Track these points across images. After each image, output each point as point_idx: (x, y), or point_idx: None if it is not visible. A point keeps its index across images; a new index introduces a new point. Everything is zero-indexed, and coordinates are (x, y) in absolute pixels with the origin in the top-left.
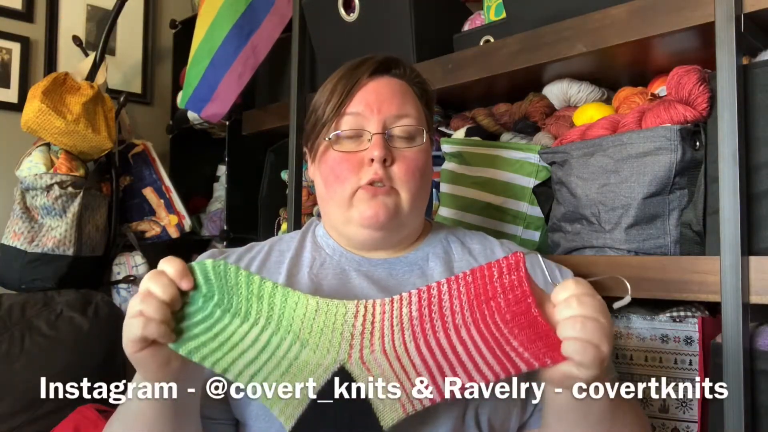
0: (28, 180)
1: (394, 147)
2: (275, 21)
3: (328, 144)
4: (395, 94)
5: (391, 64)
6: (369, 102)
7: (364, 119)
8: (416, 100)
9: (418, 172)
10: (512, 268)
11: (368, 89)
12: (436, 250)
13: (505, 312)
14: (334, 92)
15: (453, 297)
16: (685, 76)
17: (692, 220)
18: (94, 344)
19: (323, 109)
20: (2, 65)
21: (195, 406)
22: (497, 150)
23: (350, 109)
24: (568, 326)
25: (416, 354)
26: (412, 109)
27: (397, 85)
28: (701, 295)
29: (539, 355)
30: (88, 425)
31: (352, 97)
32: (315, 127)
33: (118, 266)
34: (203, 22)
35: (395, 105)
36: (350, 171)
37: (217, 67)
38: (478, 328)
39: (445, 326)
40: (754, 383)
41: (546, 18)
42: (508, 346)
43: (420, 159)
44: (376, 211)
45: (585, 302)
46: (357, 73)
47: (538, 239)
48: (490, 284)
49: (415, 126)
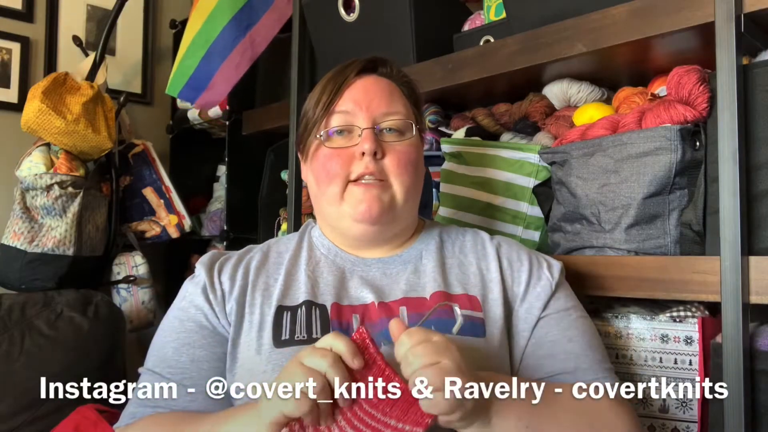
0: (28, 180)
1: (384, 141)
2: (274, 18)
3: (319, 142)
4: (383, 91)
5: (377, 64)
6: (358, 99)
7: (354, 116)
8: (404, 98)
9: (410, 164)
10: (360, 348)
11: (356, 87)
12: (429, 247)
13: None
14: (323, 93)
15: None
16: (685, 76)
17: (692, 220)
18: (94, 344)
19: (313, 110)
20: (2, 65)
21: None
22: (497, 150)
23: (339, 107)
24: (415, 383)
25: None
26: (401, 106)
27: (385, 83)
28: (701, 295)
29: (417, 420)
30: (88, 425)
31: (340, 96)
32: (306, 128)
33: (118, 266)
34: (199, 16)
35: (384, 102)
36: (341, 166)
37: (213, 58)
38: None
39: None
40: (754, 383)
41: (546, 18)
42: (388, 429)
43: (411, 152)
44: (369, 205)
45: (417, 353)
46: (345, 73)
47: (538, 239)
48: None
49: (404, 120)
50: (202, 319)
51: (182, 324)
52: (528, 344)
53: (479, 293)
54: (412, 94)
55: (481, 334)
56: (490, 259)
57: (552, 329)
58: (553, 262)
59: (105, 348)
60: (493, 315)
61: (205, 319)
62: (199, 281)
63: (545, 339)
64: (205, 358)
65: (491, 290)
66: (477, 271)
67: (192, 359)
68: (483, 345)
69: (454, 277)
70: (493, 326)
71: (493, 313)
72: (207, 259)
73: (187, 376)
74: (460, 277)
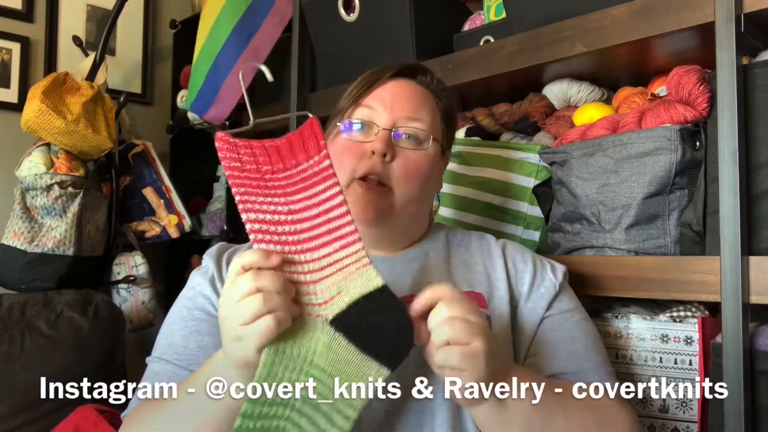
0: (28, 180)
1: (398, 146)
2: (275, 21)
3: (338, 131)
4: (413, 97)
5: (417, 71)
6: (384, 99)
7: (376, 113)
8: (435, 110)
9: (418, 174)
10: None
11: (387, 87)
12: (435, 246)
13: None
14: (356, 85)
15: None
16: (685, 76)
17: (692, 220)
18: (94, 344)
19: (344, 99)
20: (2, 65)
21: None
22: (497, 150)
23: (365, 102)
24: (436, 332)
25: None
26: (427, 116)
27: (418, 90)
28: (701, 295)
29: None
30: (88, 425)
31: (370, 92)
32: (333, 114)
33: (118, 266)
34: (205, 25)
35: (409, 108)
36: (352, 159)
37: (219, 70)
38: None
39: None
40: (754, 383)
41: (546, 18)
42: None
43: (422, 162)
44: (364, 207)
45: (453, 305)
46: (382, 72)
47: (538, 239)
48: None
49: (423, 130)
50: (210, 308)
51: (190, 312)
52: (531, 344)
53: (485, 291)
54: (447, 110)
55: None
56: (496, 258)
57: (556, 330)
58: (557, 265)
59: (105, 348)
60: (498, 312)
61: (212, 307)
62: (206, 271)
63: (549, 339)
64: (213, 345)
65: (497, 288)
66: (483, 270)
67: (200, 346)
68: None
69: (459, 275)
70: (499, 323)
71: (499, 311)
72: (215, 250)
73: (194, 362)
74: (465, 275)
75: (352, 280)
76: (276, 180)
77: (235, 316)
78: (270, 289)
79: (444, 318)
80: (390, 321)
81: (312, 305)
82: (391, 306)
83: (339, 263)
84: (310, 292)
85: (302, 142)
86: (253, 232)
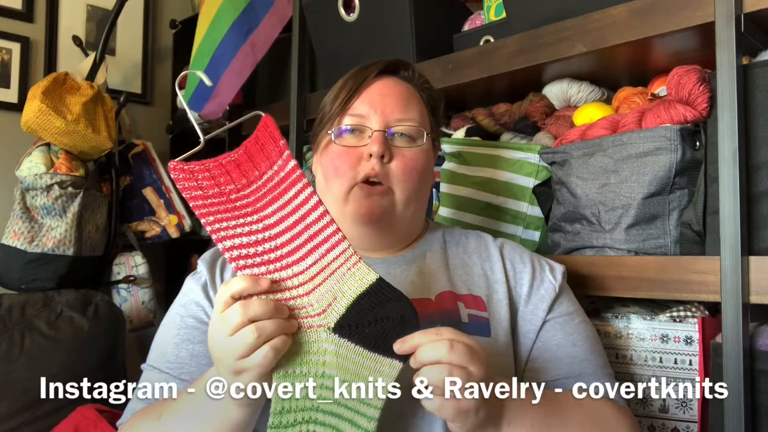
0: (28, 180)
1: (394, 145)
2: (275, 20)
3: (330, 138)
4: (400, 95)
5: (399, 66)
6: (373, 101)
7: (367, 117)
8: (421, 104)
9: (416, 171)
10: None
11: (374, 89)
12: (433, 248)
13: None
14: (342, 90)
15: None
16: (685, 76)
17: (692, 220)
18: (94, 344)
19: (330, 105)
20: (2, 65)
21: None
22: (497, 150)
23: (355, 106)
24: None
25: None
26: (416, 112)
27: (403, 87)
28: (701, 295)
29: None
30: (88, 425)
31: (358, 96)
32: (321, 121)
33: (118, 266)
34: (203, 22)
35: (399, 107)
36: (349, 165)
37: (216, 66)
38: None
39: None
40: (754, 383)
41: (546, 18)
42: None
43: (419, 159)
44: (370, 209)
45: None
46: (365, 73)
47: (538, 239)
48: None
49: (416, 127)
50: (202, 315)
51: (183, 320)
52: (533, 347)
53: (484, 293)
54: (431, 101)
55: (486, 333)
56: (494, 260)
57: (557, 333)
58: (556, 265)
59: (105, 348)
60: (498, 315)
61: (205, 315)
62: (200, 278)
63: (550, 343)
64: (204, 353)
65: (496, 291)
66: (481, 272)
67: (191, 354)
68: (488, 345)
69: (458, 278)
70: (498, 326)
71: (498, 314)
72: (209, 255)
73: (186, 371)
74: (464, 277)
75: (346, 282)
76: (243, 198)
77: (230, 351)
78: (262, 317)
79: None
80: (393, 310)
81: (310, 317)
82: (390, 296)
83: (328, 268)
84: (305, 305)
85: (260, 148)
86: (233, 260)
